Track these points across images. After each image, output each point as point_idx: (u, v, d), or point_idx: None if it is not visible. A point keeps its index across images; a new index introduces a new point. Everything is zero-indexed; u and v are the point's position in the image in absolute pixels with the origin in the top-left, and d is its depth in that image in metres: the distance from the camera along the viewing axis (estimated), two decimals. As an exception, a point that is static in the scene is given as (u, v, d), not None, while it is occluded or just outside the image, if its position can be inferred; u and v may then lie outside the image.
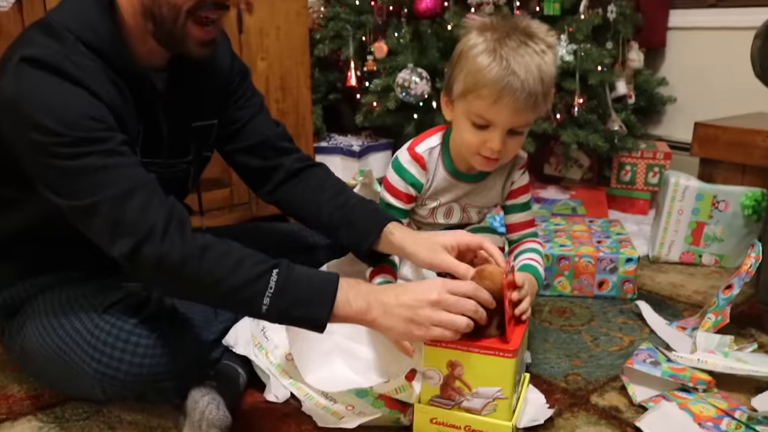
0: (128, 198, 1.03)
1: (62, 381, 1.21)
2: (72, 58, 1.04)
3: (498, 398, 1.10)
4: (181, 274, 1.04)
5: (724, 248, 1.96)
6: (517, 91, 1.14)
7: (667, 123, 2.87)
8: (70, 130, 1.01)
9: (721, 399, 1.27)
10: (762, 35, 1.44)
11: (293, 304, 1.05)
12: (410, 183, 1.33)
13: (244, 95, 1.38)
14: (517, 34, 1.16)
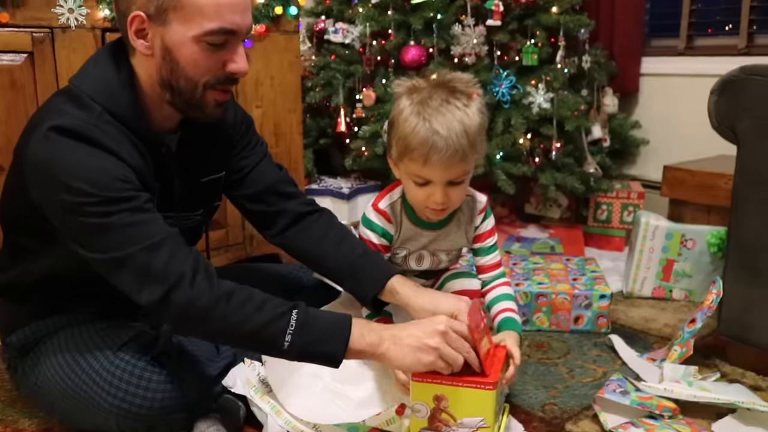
0: (156, 249, 1.12)
1: (77, 415, 1.29)
2: (101, 127, 1.14)
3: (481, 427, 1.20)
4: (208, 317, 1.13)
5: (693, 284, 2.08)
6: (443, 149, 1.22)
7: (640, 164, 3.02)
8: (101, 190, 1.10)
9: (685, 425, 1.37)
10: (717, 91, 1.57)
11: (312, 341, 1.14)
12: (381, 235, 1.43)
13: (249, 145, 1.47)
14: (439, 93, 1.25)
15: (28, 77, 1.74)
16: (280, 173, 1.51)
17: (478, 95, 1.29)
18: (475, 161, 1.31)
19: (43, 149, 1.12)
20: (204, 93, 1.20)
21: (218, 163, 1.42)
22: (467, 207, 1.46)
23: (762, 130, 1.50)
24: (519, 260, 2.12)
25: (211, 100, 1.21)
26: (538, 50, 2.42)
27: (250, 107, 2.17)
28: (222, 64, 1.18)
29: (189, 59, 1.16)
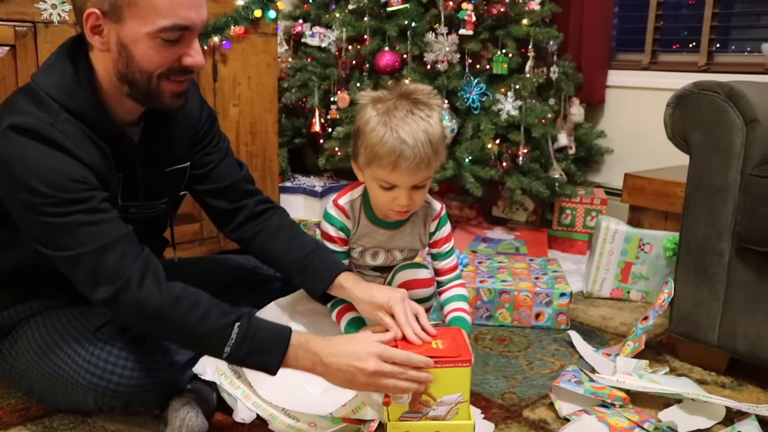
0: (107, 250, 1.16)
1: (55, 394, 1.34)
2: (57, 125, 1.18)
3: (459, 402, 1.28)
4: (155, 320, 1.19)
5: (650, 285, 2.19)
6: (410, 158, 1.30)
7: (605, 171, 3.13)
8: (57, 192, 1.14)
9: (634, 413, 1.46)
10: (672, 104, 1.67)
11: (250, 353, 1.20)
12: (340, 228, 1.50)
13: (212, 141, 1.52)
14: (403, 104, 1.33)
15: (10, 70, 1.78)
16: (242, 171, 1.56)
17: (438, 106, 1.38)
18: (436, 167, 1.40)
19: (2, 148, 1.15)
20: (159, 83, 1.22)
21: (182, 154, 1.46)
22: (422, 212, 1.54)
23: (711, 142, 1.60)
24: (484, 259, 2.20)
25: (167, 91, 1.24)
26: (509, 60, 2.51)
27: (227, 106, 2.23)
28: (177, 58, 1.21)
29: (144, 54, 1.19)
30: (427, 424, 1.28)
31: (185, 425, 1.24)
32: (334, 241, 1.51)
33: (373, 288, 1.41)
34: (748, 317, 1.57)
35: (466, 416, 1.29)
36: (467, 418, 1.29)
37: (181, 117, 1.42)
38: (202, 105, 1.50)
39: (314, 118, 2.59)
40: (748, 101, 1.55)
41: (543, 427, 1.41)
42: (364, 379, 1.21)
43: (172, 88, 1.25)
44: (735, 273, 1.59)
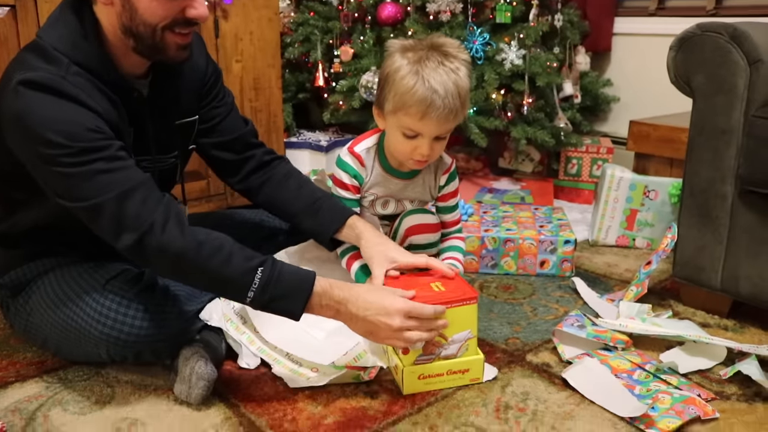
0: (128, 197, 1.18)
1: (68, 346, 1.37)
2: (68, 78, 1.18)
3: (469, 338, 1.34)
4: (179, 263, 1.20)
5: (655, 232, 2.19)
6: (440, 107, 1.33)
7: (612, 121, 3.11)
8: (73, 141, 1.15)
9: (636, 355, 1.48)
10: (676, 47, 1.65)
11: (273, 298, 1.22)
12: (353, 176, 1.53)
13: (218, 95, 1.54)
14: (434, 55, 1.36)
15: (11, 30, 1.78)
16: (248, 125, 1.59)
17: (466, 60, 1.40)
18: (460, 119, 1.43)
19: (15, 103, 1.16)
20: (163, 35, 1.23)
21: (190, 107, 1.47)
22: (434, 164, 1.57)
23: (714, 84, 1.59)
24: (489, 209, 2.21)
25: (172, 43, 1.25)
26: (512, 8, 2.48)
27: (230, 62, 2.23)
28: (180, 10, 1.22)
29: (147, 6, 1.19)
30: (439, 364, 1.34)
31: (195, 373, 1.27)
32: (348, 188, 1.54)
33: (386, 239, 1.46)
34: (751, 260, 1.58)
35: (475, 352, 1.36)
36: (476, 353, 1.36)
37: (187, 70, 1.43)
38: (207, 59, 1.51)
39: (317, 72, 2.59)
40: (753, 42, 1.53)
41: (546, 371, 1.44)
42: (388, 333, 1.24)
43: (177, 40, 1.26)
44: (738, 216, 1.59)
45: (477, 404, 1.31)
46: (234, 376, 1.41)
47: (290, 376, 1.37)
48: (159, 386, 1.37)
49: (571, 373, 1.39)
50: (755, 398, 1.34)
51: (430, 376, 1.34)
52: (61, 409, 1.29)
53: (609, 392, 1.33)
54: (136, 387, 1.37)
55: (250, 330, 1.43)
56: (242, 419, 1.26)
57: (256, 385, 1.38)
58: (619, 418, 1.27)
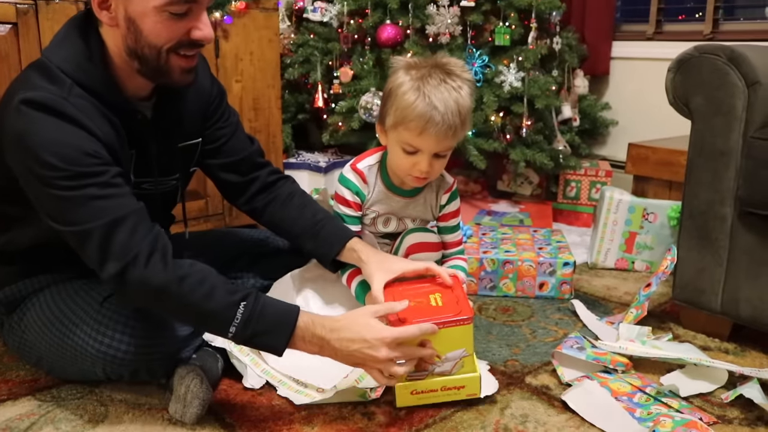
0: (118, 226, 1.16)
1: (63, 364, 1.36)
2: (70, 99, 1.17)
3: (464, 356, 1.31)
4: (161, 297, 1.18)
5: (654, 255, 2.18)
6: (439, 123, 1.34)
7: (610, 144, 3.12)
8: (70, 165, 1.14)
9: (636, 378, 1.47)
10: (674, 69, 1.66)
11: (255, 334, 1.20)
12: (355, 192, 1.53)
13: (223, 116, 1.53)
14: (437, 73, 1.37)
15: (12, 48, 1.79)
16: (253, 145, 1.58)
17: (469, 80, 1.41)
18: (460, 138, 1.43)
19: (17, 122, 1.15)
20: (168, 58, 1.22)
21: (194, 129, 1.47)
22: (435, 184, 1.57)
23: (713, 105, 1.59)
24: (488, 230, 2.21)
25: (176, 66, 1.24)
26: (511, 31, 2.50)
27: (230, 82, 2.23)
28: (186, 32, 1.21)
29: (152, 29, 1.18)
30: (433, 381, 1.32)
31: (190, 392, 1.25)
32: (350, 205, 1.54)
33: (386, 255, 1.46)
34: (752, 282, 1.57)
35: (471, 369, 1.33)
36: (473, 371, 1.33)
37: (192, 92, 1.42)
38: (212, 80, 1.51)
39: (317, 93, 2.59)
40: (750, 63, 1.53)
41: (545, 393, 1.42)
42: (376, 365, 1.22)
43: (181, 63, 1.24)
44: (738, 238, 1.59)
45: (476, 426, 1.29)
46: (230, 395, 1.39)
47: (296, 397, 1.36)
48: (153, 405, 1.35)
49: (571, 396, 1.37)
50: (757, 422, 1.32)
51: (423, 392, 1.32)
52: (53, 428, 1.27)
53: (609, 415, 1.32)
54: (130, 406, 1.35)
55: (254, 352, 1.42)
56: (237, 440, 1.24)
57: (251, 405, 1.36)
58: (619, 441, 1.25)
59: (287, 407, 1.35)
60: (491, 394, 1.38)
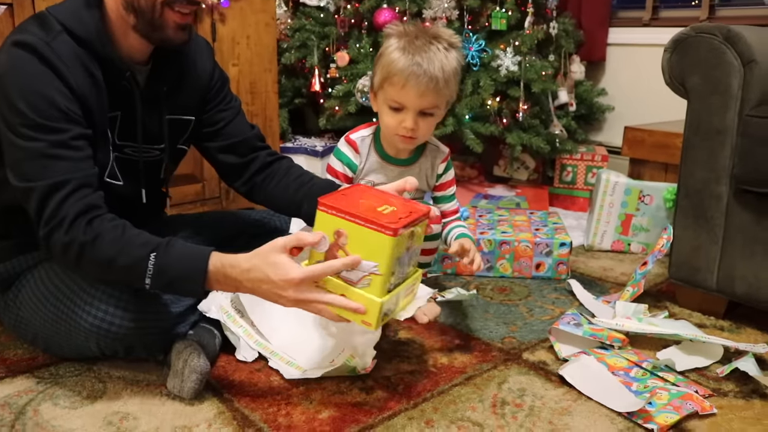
0: (56, 190, 1.18)
1: (58, 340, 1.36)
2: (52, 44, 1.20)
3: (373, 273, 1.14)
4: (79, 260, 1.20)
5: (650, 237, 2.19)
6: (420, 76, 1.39)
7: (606, 130, 3.12)
8: (34, 114, 1.17)
9: (633, 354, 1.48)
10: (670, 49, 1.66)
11: (171, 282, 1.20)
12: (346, 164, 1.57)
13: (224, 100, 1.54)
14: (425, 36, 1.44)
15: (8, 28, 1.78)
16: (253, 130, 1.59)
17: (458, 47, 1.46)
18: (445, 99, 1.47)
19: (2, 61, 1.20)
20: (162, 11, 1.25)
21: (188, 106, 1.47)
22: (431, 154, 1.59)
23: (709, 84, 1.60)
24: (485, 212, 2.21)
25: (171, 21, 1.26)
26: (507, 16, 2.50)
27: (227, 65, 2.23)
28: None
29: None
30: (335, 282, 1.16)
31: (188, 366, 1.26)
32: (339, 177, 1.58)
33: None
34: (747, 259, 1.58)
35: (378, 292, 1.14)
36: (378, 295, 1.14)
37: (192, 71, 1.44)
38: (214, 64, 1.53)
39: (314, 77, 2.59)
40: (746, 42, 1.54)
41: (542, 368, 1.43)
42: (290, 304, 1.17)
43: (176, 18, 1.27)
44: (733, 216, 1.59)
45: (473, 400, 1.30)
46: (228, 371, 1.40)
47: (286, 369, 1.37)
48: (152, 381, 1.35)
49: (568, 370, 1.38)
50: (752, 395, 1.33)
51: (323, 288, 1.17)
52: (51, 404, 1.27)
53: (606, 388, 1.32)
54: (129, 382, 1.35)
55: (247, 323, 1.42)
56: (236, 414, 1.25)
57: (249, 380, 1.36)
58: (616, 414, 1.26)
59: (285, 383, 1.35)
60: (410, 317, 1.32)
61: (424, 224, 1.23)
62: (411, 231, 1.17)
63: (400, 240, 1.14)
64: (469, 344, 1.53)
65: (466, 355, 1.48)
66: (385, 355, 1.44)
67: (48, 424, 1.21)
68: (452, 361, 1.45)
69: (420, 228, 1.21)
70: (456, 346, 1.52)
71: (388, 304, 1.17)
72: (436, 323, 1.64)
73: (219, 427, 1.20)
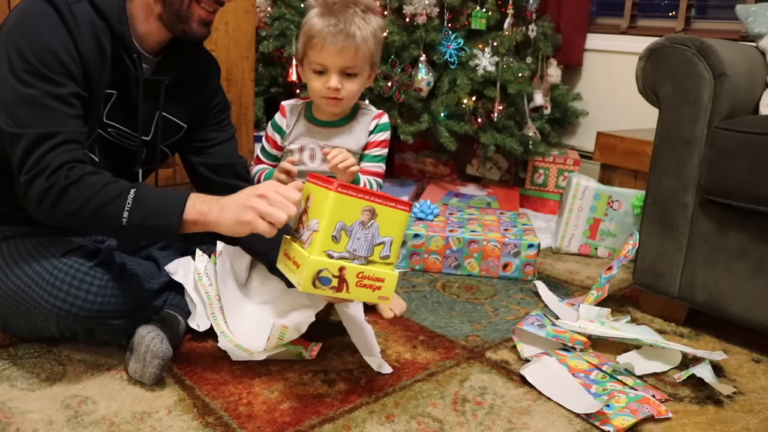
0: (45, 140, 1.19)
1: (17, 319, 1.33)
2: (72, 6, 1.23)
3: (314, 230, 1.16)
4: (58, 203, 1.19)
5: (617, 242, 2.22)
6: (336, 34, 1.44)
7: (580, 134, 3.15)
8: (38, 62, 1.19)
9: (593, 356, 1.50)
10: (645, 57, 1.69)
11: (148, 214, 1.20)
12: (275, 129, 1.63)
13: (221, 122, 1.57)
14: (343, 2, 1.47)
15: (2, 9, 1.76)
16: (241, 159, 1.59)
17: (377, 13, 1.52)
18: (367, 59, 1.50)
19: (21, 8, 1.23)
20: (190, 5, 1.30)
21: (184, 112, 1.48)
22: (362, 117, 1.61)
23: (681, 94, 1.62)
24: (455, 211, 2.23)
25: (196, 15, 1.32)
26: (487, 16, 2.51)
27: (203, 50, 2.20)
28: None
29: None
30: (293, 246, 1.21)
31: (150, 351, 1.25)
32: (269, 141, 1.65)
33: None
34: (709, 268, 1.61)
35: (313, 249, 1.15)
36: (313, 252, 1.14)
37: (198, 78, 1.48)
38: (220, 88, 1.56)
39: (291, 67, 2.57)
40: (718, 55, 1.57)
41: (504, 367, 1.44)
42: (254, 201, 1.18)
43: (201, 13, 1.32)
44: (697, 225, 1.62)
45: (435, 396, 1.31)
46: (190, 357, 1.39)
47: (234, 351, 1.37)
48: (113, 366, 1.34)
49: (530, 370, 1.40)
50: (707, 401, 1.36)
51: (287, 256, 1.23)
52: (8, 385, 1.25)
53: (566, 390, 1.34)
54: (89, 366, 1.34)
55: (213, 293, 1.42)
56: (196, 401, 1.24)
57: (212, 368, 1.36)
58: (574, 415, 1.28)
59: (248, 371, 1.35)
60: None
61: (393, 212, 1.20)
62: (369, 207, 1.17)
63: (346, 203, 1.15)
64: (433, 341, 1.54)
65: (430, 351, 1.49)
66: (348, 348, 1.45)
67: (4, 406, 1.19)
68: (415, 357, 1.46)
69: (387, 214, 1.19)
70: (420, 342, 1.53)
71: (326, 271, 1.15)
72: (401, 318, 1.65)
73: (179, 414, 1.20)
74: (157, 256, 1.52)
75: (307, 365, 1.39)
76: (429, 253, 1.96)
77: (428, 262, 1.97)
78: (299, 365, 1.39)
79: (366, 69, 1.53)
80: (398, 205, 1.20)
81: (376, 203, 1.18)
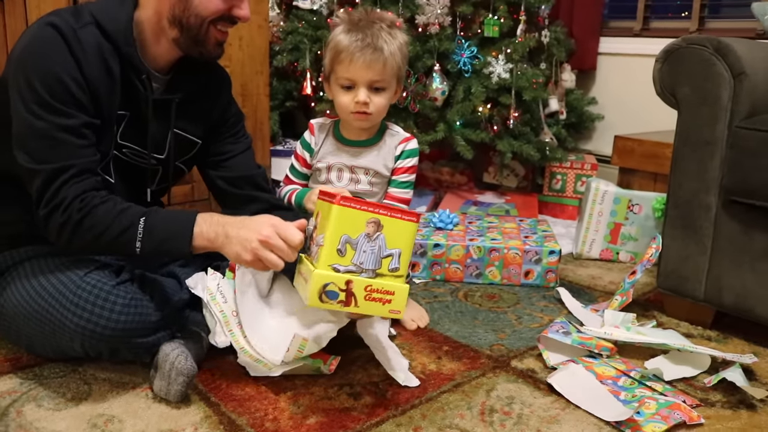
0: (59, 174, 1.23)
1: (41, 339, 1.33)
2: (79, 32, 1.25)
3: (320, 245, 1.19)
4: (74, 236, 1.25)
5: (639, 246, 2.20)
6: (365, 48, 1.45)
7: (596, 139, 3.13)
8: (47, 94, 1.22)
9: (621, 363, 1.48)
10: (661, 59, 1.67)
11: (160, 242, 1.26)
12: (304, 147, 1.64)
13: (236, 134, 1.57)
14: (369, 18, 1.49)
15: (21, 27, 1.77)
16: (260, 169, 1.60)
17: (402, 30, 1.54)
18: (394, 74, 1.51)
19: (27, 35, 1.26)
20: (208, 29, 1.32)
21: (197, 129, 1.49)
22: (390, 139, 1.61)
23: (699, 95, 1.61)
24: (474, 219, 2.21)
25: (213, 38, 1.34)
26: (500, 23, 2.50)
27: (218, 66, 2.22)
28: (229, 8, 1.33)
29: (202, 1, 1.30)
30: (303, 260, 1.27)
31: (174, 369, 1.25)
32: (298, 159, 1.66)
33: None
34: (735, 270, 1.59)
35: (319, 263, 1.18)
36: (318, 267, 1.18)
37: (209, 94, 1.49)
38: (232, 101, 1.58)
39: (305, 81, 2.58)
40: (736, 54, 1.55)
41: (531, 376, 1.43)
42: (254, 245, 1.23)
43: (217, 36, 1.35)
44: (721, 226, 1.60)
45: (462, 407, 1.30)
46: (215, 374, 1.39)
47: (253, 366, 1.36)
48: (138, 384, 1.34)
49: (557, 378, 1.38)
50: (739, 405, 1.34)
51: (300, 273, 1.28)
52: (35, 405, 1.26)
53: (594, 397, 1.32)
54: (114, 384, 1.34)
55: (228, 311, 1.42)
56: (222, 418, 1.24)
57: (237, 384, 1.35)
58: (604, 423, 1.26)
59: (273, 386, 1.34)
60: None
61: (400, 224, 1.20)
62: (373, 219, 1.18)
63: (350, 216, 1.16)
64: (458, 351, 1.53)
65: (455, 362, 1.48)
66: (372, 360, 1.44)
67: (31, 426, 1.19)
68: (440, 368, 1.45)
69: (394, 226, 1.20)
70: (444, 353, 1.52)
71: (332, 285, 1.17)
72: (425, 330, 1.64)
73: (205, 431, 1.19)
74: (179, 273, 1.52)
75: (331, 379, 1.38)
76: (450, 262, 1.95)
77: (449, 272, 1.96)
78: (324, 379, 1.38)
79: (393, 83, 1.53)
80: (405, 216, 1.21)
81: (380, 215, 1.19)
